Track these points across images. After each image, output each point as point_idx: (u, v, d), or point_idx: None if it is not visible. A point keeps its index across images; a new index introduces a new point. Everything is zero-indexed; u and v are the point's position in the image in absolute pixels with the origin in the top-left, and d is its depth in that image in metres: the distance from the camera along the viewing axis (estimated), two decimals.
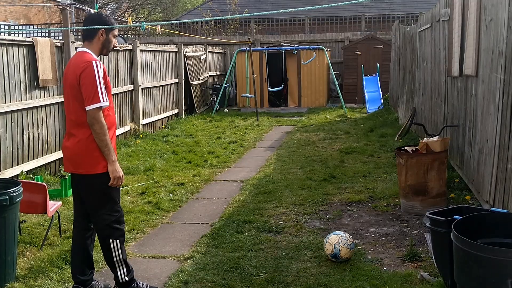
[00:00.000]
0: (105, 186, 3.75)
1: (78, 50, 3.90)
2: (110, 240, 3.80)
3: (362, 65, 17.78)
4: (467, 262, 3.08)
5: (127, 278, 3.87)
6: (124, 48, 10.62)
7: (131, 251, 4.93)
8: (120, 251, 3.83)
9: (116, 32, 3.95)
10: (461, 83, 6.57)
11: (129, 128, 10.73)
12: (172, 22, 6.00)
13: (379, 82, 17.12)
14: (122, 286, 3.89)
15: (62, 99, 7.98)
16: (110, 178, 3.75)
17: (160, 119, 12.63)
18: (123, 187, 7.20)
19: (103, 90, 3.66)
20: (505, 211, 3.88)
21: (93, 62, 3.66)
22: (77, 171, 3.77)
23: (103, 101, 3.63)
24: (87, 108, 3.60)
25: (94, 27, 3.83)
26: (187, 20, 7.81)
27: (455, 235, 3.17)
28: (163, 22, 5.05)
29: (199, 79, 15.98)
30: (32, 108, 7.33)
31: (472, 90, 5.97)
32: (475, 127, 5.86)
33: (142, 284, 3.99)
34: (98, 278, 4.30)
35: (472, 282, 3.08)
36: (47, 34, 22.23)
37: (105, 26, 3.85)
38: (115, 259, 3.83)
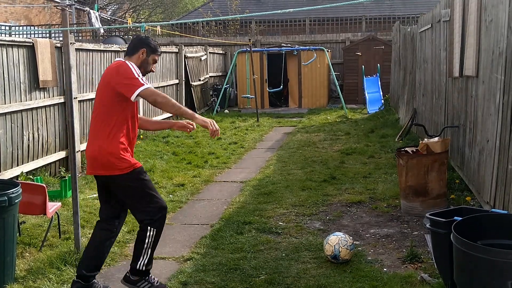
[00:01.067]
0: (138, 181, 3.82)
1: (116, 59, 4.00)
2: (149, 227, 3.84)
3: (363, 66, 17.76)
4: (467, 263, 3.06)
5: (144, 268, 3.92)
6: (124, 49, 10.61)
7: (130, 252, 4.91)
8: (152, 239, 3.87)
9: (156, 58, 4.05)
10: (462, 84, 6.56)
11: None
12: (172, 22, 6.00)
13: (379, 82, 17.10)
14: (135, 274, 3.92)
15: (62, 100, 7.99)
16: (138, 174, 3.83)
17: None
18: None
19: (143, 77, 3.76)
20: (506, 212, 3.87)
21: (127, 62, 3.82)
22: (108, 173, 3.81)
23: (146, 84, 3.70)
24: (134, 95, 3.66)
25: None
26: (187, 21, 7.86)
27: (455, 236, 3.16)
28: (163, 23, 5.04)
29: (199, 80, 15.97)
30: (32, 109, 7.32)
31: (473, 91, 5.96)
32: (475, 127, 5.85)
33: (154, 278, 4.01)
34: (97, 279, 4.29)
35: (472, 283, 3.07)
36: (48, 35, 22.23)
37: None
38: (145, 246, 3.87)
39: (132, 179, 3.83)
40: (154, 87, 12.87)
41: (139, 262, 3.90)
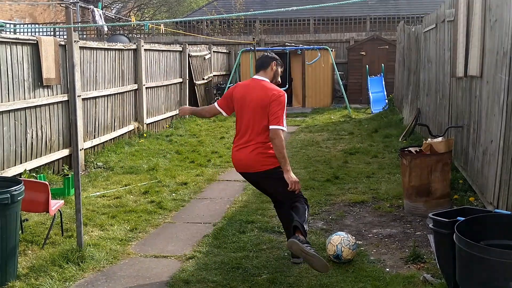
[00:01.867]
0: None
1: (256, 77, 4.63)
2: (306, 207, 4.42)
3: (367, 66, 17.73)
4: (470, 264, 3.05)
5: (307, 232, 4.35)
6: (129, 47, 10.63)
7: (133, 250, 4.93)
8: (307, 213, 4.44)
9: (281, 69, 4.72)
10: (466, 84, 6.54)
11: (133, 128, 10.73)
12: (176, 20, 6.00)
13: (383, 82, 17.07)
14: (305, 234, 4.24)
15: (66, 98, 8.00)
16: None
17: (164, 118, 12.63)
18: (126, 186, 7.21)
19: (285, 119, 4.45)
20: (509, 212, 3.85)
21: (285, 95, 4.50)
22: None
23: (284, 126, 4.42)
24: (273, 127, 4.36)
25: None
26: (191, 19, 7.83)
27: (458, 236, 3.15)
28: (166, 21, 5.05)
29: (203, 79, 15.97)
30: (35, 106, 7.34)
31: (477, 91, 5.94)
32: (479, 128, 5.82)
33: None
34: (99, 277, 4.30)
35: (475, 284, 3.05)
36: (52, 33, 22.28)
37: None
38: (305, 219, 4.33)
39: None
40: (158, 86, 12.87)
41: (303, 230, 4.28)
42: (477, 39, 5.84)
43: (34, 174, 7.00)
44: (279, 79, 4.72)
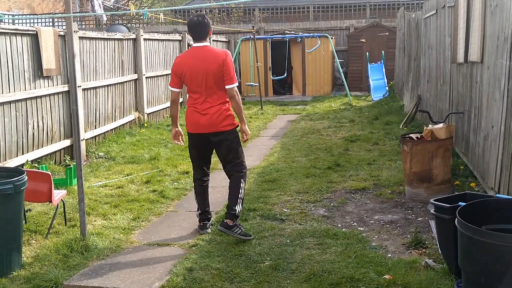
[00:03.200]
0: (237, 136, 4.96)
1: (198, 45, 4.90)
2: (241, 180, 4.90)
3: (367, 53, 17.68)
4: (472, 248, 3.07)
5: (240, 213, 4.92)
6: (128, 37, 10.60)
7: (136, 238, 4.95)
8: (244, 190, 4.94)
9: None
10: (466, 70, 6.53)
11: (134, 117, 10.73)
12: (175, 9, 5.99)
13: (384, 69, 17.03)
14: (234, 217, 4.77)
15: (66, 88, 8.00)
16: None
17: (164, 108, 12.61)
18: (128, 176, 7.22)
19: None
20: (510, 197, 3.86)
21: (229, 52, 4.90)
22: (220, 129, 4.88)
23: (236, 81, 4.89)
24: (230, 86, 4.80)
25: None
26: (190, 7, 7.77)
27: (459, 221, 3.16)
28: (165, 9, 5.09)
29: None
30: (36, 97, 7.34)
31: (478, 77, 5.93)
32: (480, 113, 5.83)
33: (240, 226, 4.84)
34: (103, 266, 4.33)
35: (476, 268, 3.07)
36: (51, 23, 22.19)
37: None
38: (240, 196, 4.86)
39: None
40: (158, 75, 12.82)
41: (237, 209, 4.84)
42: (477, 24, 5.82)
43: (36, 165, 7.02)
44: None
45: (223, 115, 4.85)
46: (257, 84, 15.54)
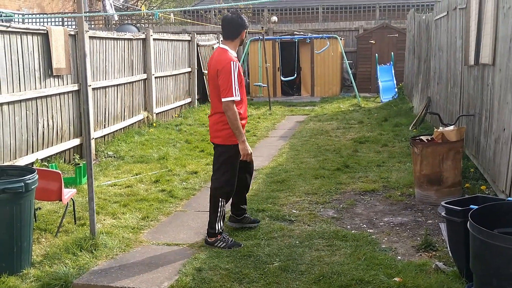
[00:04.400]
0: (230, 156, 4.62)
1: (222, 46, 4.64)
2: (212, 198, 4.72)
3: (376, 54, 17.62)
4: (484, 251, 3.05)
5: (220, 229, 4.75)
6: (138, 37, 10.62)
7: (145, 238, 4.96)
8: (219, 208, 4.71)
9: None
10: (478, 72, 6.49)
11: (143, 117, 10.76)
12: (185, 9, 6.00)
13: (393, 71, 16.97)
14: (212, 235, 4.70)
15: (76, 88, 8.04)
16: (235, 152, 4.58)
17: (173, 108, 12.64)
18: (137, 175, 7.24)
19: (236, 86, 4.45)
20: None
21: (232, 62, 4.47)
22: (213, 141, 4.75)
23: (235, 95, 4.44)
24: (223, 99, 4.44)
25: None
26: (200, 7, 7.78)
27: (471, 224, 3.14)
28: (176, 9, 5.07)
29: None
30: (46, 96, 7.37)
31: (489, 79, 5.89)
32: (491, 116, 5.78)
33: (228, 237, 4.73)
34: (112, 265, 4.33)
35: (489, 271, 3.05)
36: (60, 22, 22.29)
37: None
38: (211, 216, 4.74)
39: None
40: (167, 75, 12.89)
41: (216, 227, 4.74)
42: (489, 26, 5.78)
43: (45, 163, 7.05)
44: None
45: (216, 128, 4.63)
46: (266, 85, 15.51)
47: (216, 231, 4.69)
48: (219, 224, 4.71)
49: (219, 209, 4.70)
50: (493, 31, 5.65)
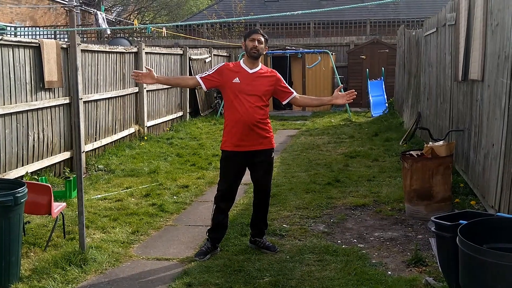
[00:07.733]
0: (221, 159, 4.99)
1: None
2: (215, 203, 4.93)
3: (367, 69, 17.77)
4: (473, 267, 3.06)
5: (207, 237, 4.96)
6: (130, 51, 10.65)
7: (135, 253, 4.93)
8: (212, 216, 4.95)
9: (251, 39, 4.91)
10: (467, 88, 6.56)
11: (134, 130, 10.74)
12: (177, 24, 6.03)
13: (384, 86, 17.10)
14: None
15: (67, 101, 8.02)
16: (224, 156, 4.93)
17: (164, 121, 12.64)
18: (127, 189, 7.21)
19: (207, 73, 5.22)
20: (511, 216, 3.86)
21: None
22: None
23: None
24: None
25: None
26: (192, 22, 7.90)
27: (460, 239, 3.16)
28: (168, 24, 5.09)
29: None
30: (37, 109, 7.35)
31: (478, 95, 5.96)
32: (480, 132, 5.84)
33: (208, 246, 4.85)
34: (101, 280, 4.31)
35: (477, 286, 3.06)
36: (53, 35, 22.30)
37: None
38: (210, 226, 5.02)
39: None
40: (159, 89, 12.85)
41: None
42: (478, 43, 5.86)
43: (35, 177, 7.01)
44: (251, 48, 4.95)
45: None
46: None
47: (207, 236, 4.96)
48: (210, 231, 4.92)
49: (212, 216, 4.94)
50: (482, 47, 5.73)
